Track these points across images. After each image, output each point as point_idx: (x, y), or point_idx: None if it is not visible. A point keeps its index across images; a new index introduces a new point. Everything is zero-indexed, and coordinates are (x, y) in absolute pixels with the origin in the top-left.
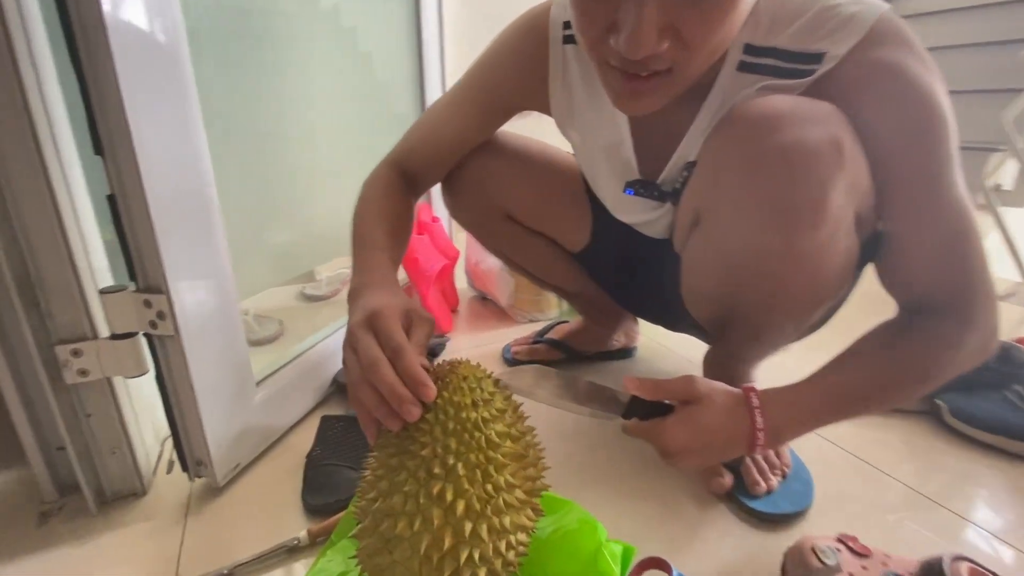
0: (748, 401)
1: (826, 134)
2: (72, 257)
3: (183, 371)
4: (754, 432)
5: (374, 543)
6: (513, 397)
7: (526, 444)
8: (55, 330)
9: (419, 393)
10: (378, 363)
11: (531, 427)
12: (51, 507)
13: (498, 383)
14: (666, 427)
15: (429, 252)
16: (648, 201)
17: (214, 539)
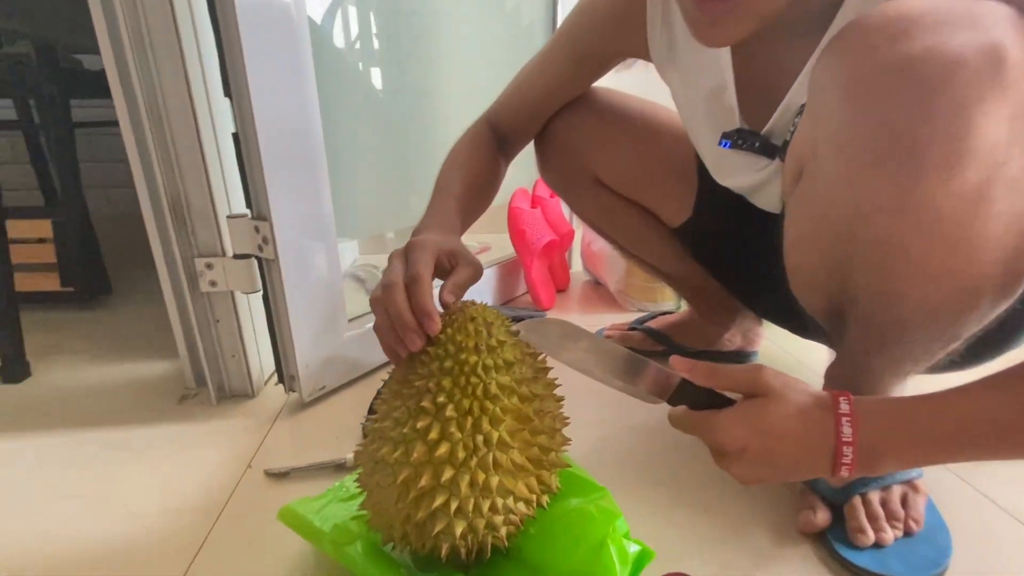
0: (835, 406)
1: (979, 40)
2: (210, 186)
3: (281, 293)
4: (839, 446)
5: (367, 463)
6: (541, 358)
7: (538, 409)
8: (196, 245)
9: (423, 325)
10: (393, 288)
11: (557, 396)
12: (189, 393)
13: (517, 334)
14: (721, 420)
15: (539, 225)
16: (751, 158)
17: (287, 444)
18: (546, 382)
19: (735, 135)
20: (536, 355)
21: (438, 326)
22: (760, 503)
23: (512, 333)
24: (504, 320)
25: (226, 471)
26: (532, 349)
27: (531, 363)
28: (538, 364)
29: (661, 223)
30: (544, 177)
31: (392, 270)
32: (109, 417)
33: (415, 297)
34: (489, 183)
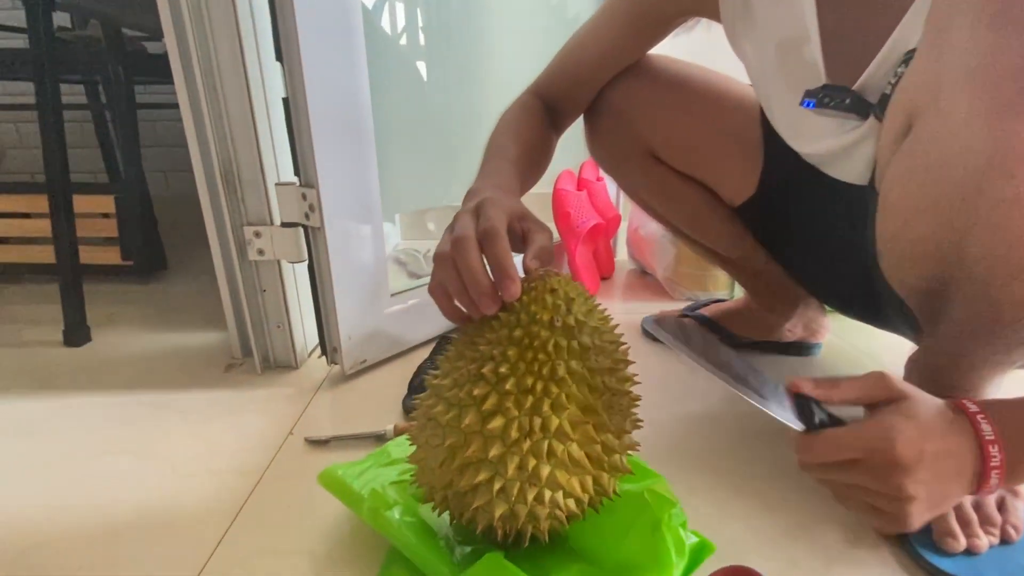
0: (961, 407)
1: None
2: (260, 153)
3: (326, 262)
4: (984, 454)
5: (421, 418)
6: (623, 348)
7: (609, 404)
8: (245, 213)
9: (502, 286)
10: (465, 242)
11: (633, 394)
12: (235, 362)
13: (602, 315)
14: (889, 423)
15: (584, 208)
16: (838, 119)
17: (328, 414)
18: (623, 376)
19: (820, 92)
20: (619, 344)
21: (518, 290)
22: (829, 499)
23: (594, 311)
24: (588, 299)
25: (268, 437)
26: (615, 337)
27: (611, 352)
28: (619, 355)
29: (721, 201)
30: (593, 152)
31: (462, 224)
32: (159, 382)
33: (494, 254)
34: (542, 154)
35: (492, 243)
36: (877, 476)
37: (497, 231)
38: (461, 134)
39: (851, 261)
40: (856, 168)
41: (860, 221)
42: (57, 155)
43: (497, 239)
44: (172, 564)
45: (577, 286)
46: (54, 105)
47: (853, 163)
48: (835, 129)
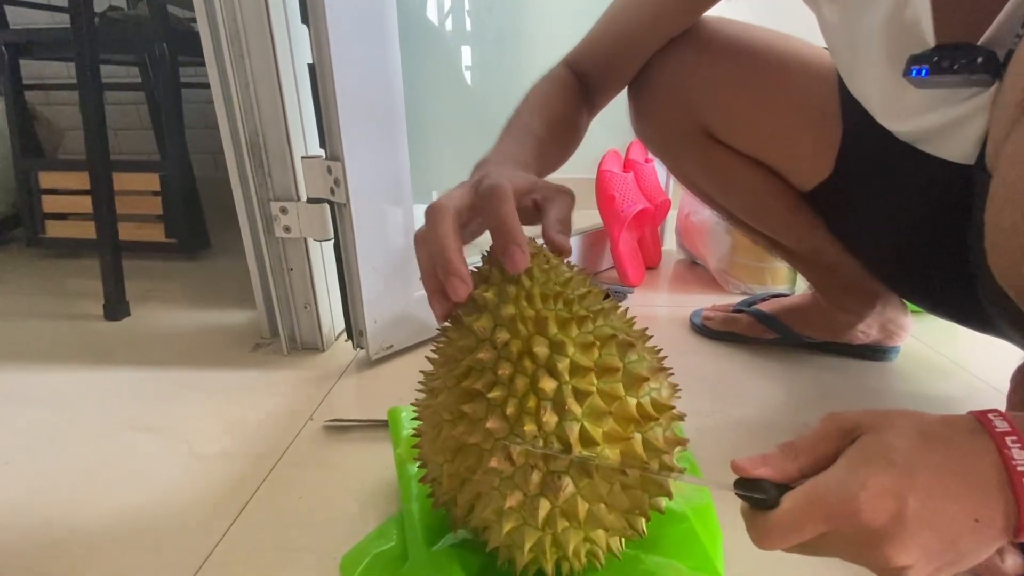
0: (987, 425)
1: None
2: (287, 125)
3: (351, 240)
4: (1014, 479)
5: (425, 422)
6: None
7: (626, 417)
8: (272, 188)
9: (507, 252)
10: (439, 212)
11: (672, 410)
12: (263, 342)
13: (607, 295)
14: (839, 481)
15: (630, 192)
16: (951, 88)
17: (351, 400)
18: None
19: (934, 56)
20: (624, 316)
21: (526, 260)
22: None
23: (593, 291)
24: (583, 281)
25: (288, 421)
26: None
27: (610, 325)
28: (620, 332)
29: (789, 186)
30: (640, 132)
31: (445, 195)
32: (189, 359)
33: (495, 215)
34: (569, 132)
35: (494, 202)
36: (852, 549)
37: (502, 190)
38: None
39: (948, 254)
40: (963, 145)
41: (962, 207)
42: (96, 133)
43: (501, 199)
44: (173, 555)
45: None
46: (94, 84)
47: (960, 139)
48: (945, 100)
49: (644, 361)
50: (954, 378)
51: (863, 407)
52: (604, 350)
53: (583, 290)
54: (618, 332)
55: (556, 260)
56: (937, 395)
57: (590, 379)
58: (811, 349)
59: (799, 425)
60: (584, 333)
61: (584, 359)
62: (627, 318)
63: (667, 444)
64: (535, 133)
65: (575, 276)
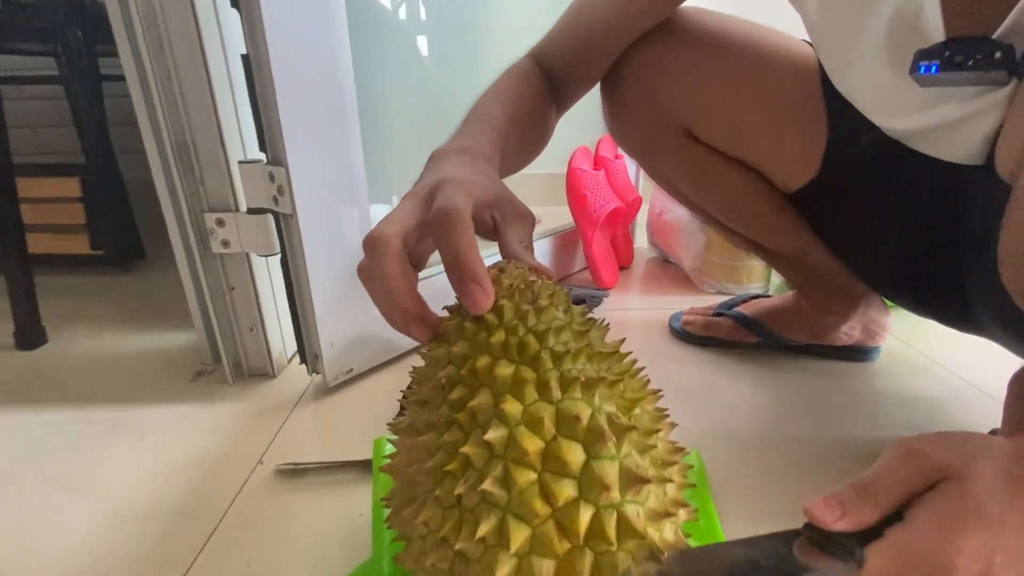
0: None
1: None
2: (220, 124)
3: (300, 255)
4: None
5: (396, 477)
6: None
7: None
8: (206, 197)
9: (464, 293)
10: (381, 242)
11: (668, 435)
12: (204, 369)
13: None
14: (923, 538)
15: (602, 190)
16: (961, 86)
17: (307, 434)
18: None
19: (944, 51)
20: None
21: (490, 300)
22: None
23: (582, 319)
24: (557, 291)
25: (233, 466)
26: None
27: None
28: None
29: (772, 187)
30: (615, 131)
31: (392, 215)
32: (117, 392)
33: (449, 246)
34: (536, 129)
35: (447, 229)
36: None
37: (456, 214)
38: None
39: (937, 256)
40: (966, 145)
41: (955, 208)
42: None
43: (455, 225)
44: None
45: (548, 285)
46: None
47: (964, 138)
48: (947, 99)
49: (648, 454)
50: (934, 376)
51: (853, 412)
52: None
53: (575, 331)
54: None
55: (543, 284)
56: (921, 396)
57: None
58: (794, 352)
59: (791, 438)
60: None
61: (569, 453)
62: (639, 376)
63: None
64: (498, 126)
65: (564, 307)
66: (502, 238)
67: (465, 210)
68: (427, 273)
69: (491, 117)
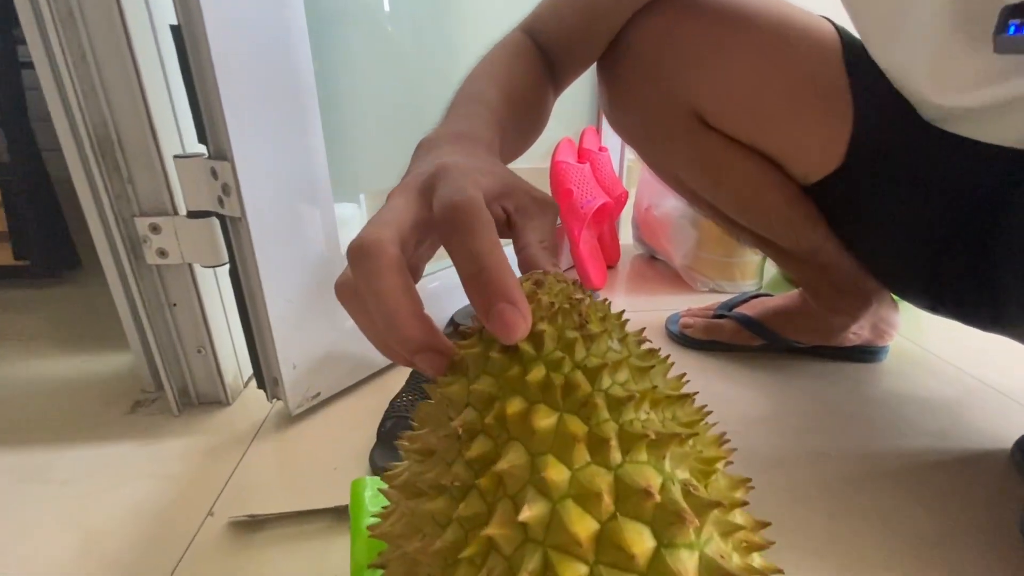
0: None
1: None
2: (149, 113)
3: (253, 264)
4: None
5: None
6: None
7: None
8: (136, 199)
9: (495, 320)
10: (374, 254)
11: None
12: (145, 398)
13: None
14: None
15: (588, 185)
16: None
17: (267, 473)
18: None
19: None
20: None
21: (527, 326)
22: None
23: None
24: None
25: (178, 519)
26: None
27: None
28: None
29: (788, 179)
30: (613, 116)
31: (383, 215)
32: (37, 430)
33: (471, 256)
34: (535, 109)
35: (464, 231)
36: None
37: (473, 208)
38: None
39: (967, 252)
40: (1019, 127)
41: (1004, 198)
42: None
43: (473, 225)
44: None
45: (608, 309)
46: None
47: (1016, 120)
48: (1020, 68)
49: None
50: (944, 375)
51: (873, 420)
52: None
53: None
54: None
55: (592, 304)
56: (936, 397)
57: None
58: (800, 354)
59: (814, 454)
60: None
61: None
62: (709, 427)
63: None
64: (494, 108)
65: (625, 339)
66: (520, 237)
67: (480, 204)
68: None
69: (485, 98)
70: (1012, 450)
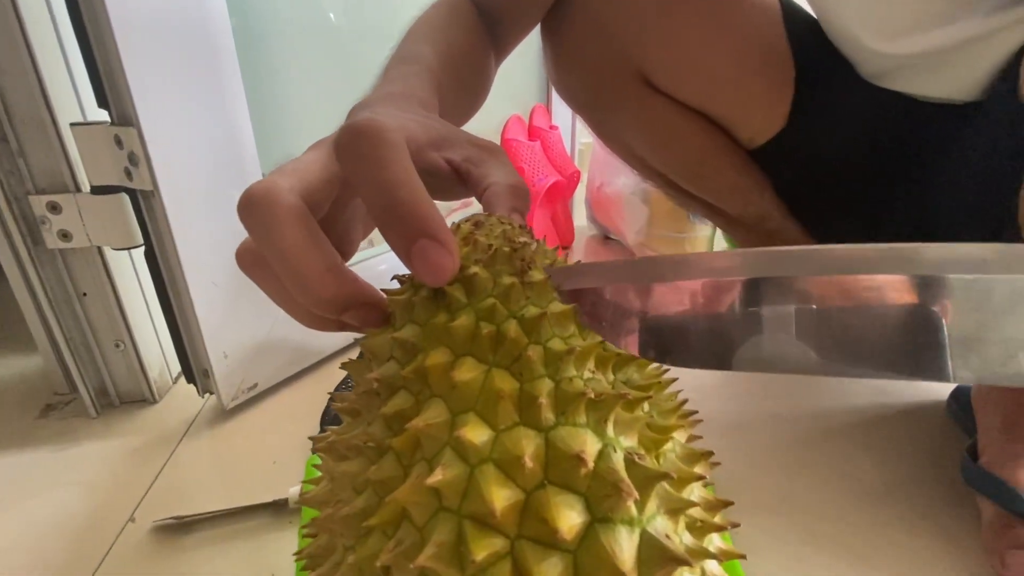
0: None
1: None
2: (39, 74)
3: (170, 244)
4: None
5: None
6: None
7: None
8: (30, 175)
9: (416, 258)
10: (269, 198)
11: None
12: (58, 401)
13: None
14: None
15: (539, 163)
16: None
17: (199, 473)
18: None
19: None
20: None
21: (455, 261)
22: (938, 539)
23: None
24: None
25: (95, 526)
26: None
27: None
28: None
29: (735, 144)
30: (560, 79)
31: (289, 165)
32: None
33: (382, 183)
34: (475, 73)
35: (367, 156)
36: None
37: (375, 129)
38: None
39: (912, 213)
40: (967, 76)
41: (945, 157)
42: None
43: (377, 147)
44: None
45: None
46: None
47: (970, 67)
48: (971, 11)
49: None
50: None
51: (819, 380)
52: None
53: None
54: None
55: (541, 249)
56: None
57: None
58: None
59: (767, 416)
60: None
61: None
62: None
63: None
64: (432, 68)
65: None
66: (480, 182)
67: (393, 129)
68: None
69: (422, 58)
70: (947, 402)
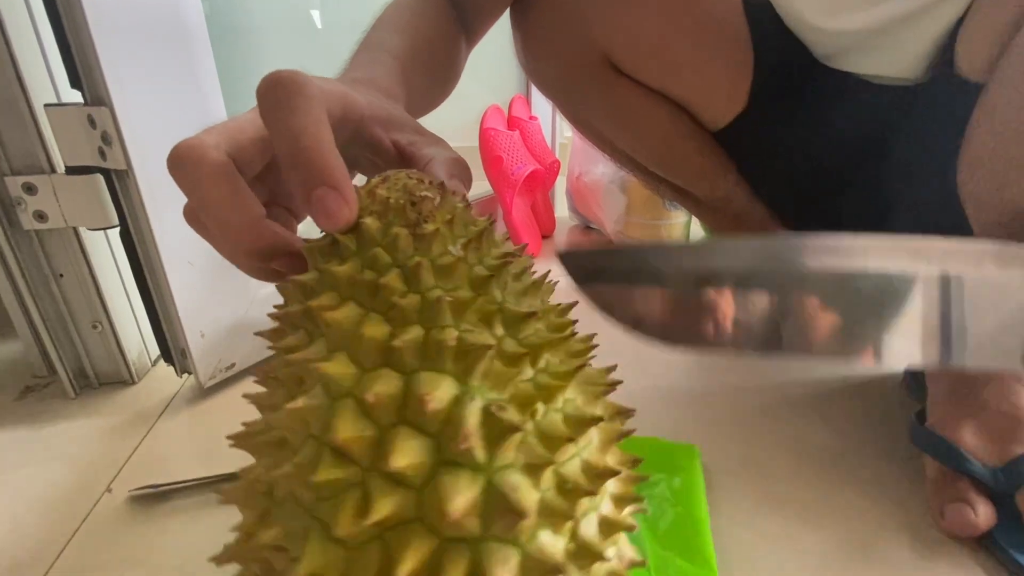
0: None
1: None
2: (13, 56)
3: (145, 224)
4: None
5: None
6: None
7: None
8: (5, 156)
9: (316, 204)
10: (194, 152)
11: None
12: (37, 383)
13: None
14: None
15: (518, 152)
16: None
17: (176, 447)
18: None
19: None
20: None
21: (351, 210)
22: (886, 498)
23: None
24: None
25: (71, 499)
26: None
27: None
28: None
29: (699, 127)
30: (530, 65)
31: (218, 126)
32: None
33: (290, 129)
34: (444, 62)
35: (281, 104)
36: None
37: (292, 80)
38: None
39: (866, 191)
40: (910, 51)
41: (895, 137)
42: None
43: (291, 96)
44: None
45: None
46: None
47: (908, 43)
48: None
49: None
50: None
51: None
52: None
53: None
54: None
55: (445, 204)
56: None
57: None
58: None
59: (730, 388)
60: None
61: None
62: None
63: None
64: (398, 55)
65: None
66: (420, 158)
67: (311, 83)
68: None
69: (388, 46)
70: (903, 374)
